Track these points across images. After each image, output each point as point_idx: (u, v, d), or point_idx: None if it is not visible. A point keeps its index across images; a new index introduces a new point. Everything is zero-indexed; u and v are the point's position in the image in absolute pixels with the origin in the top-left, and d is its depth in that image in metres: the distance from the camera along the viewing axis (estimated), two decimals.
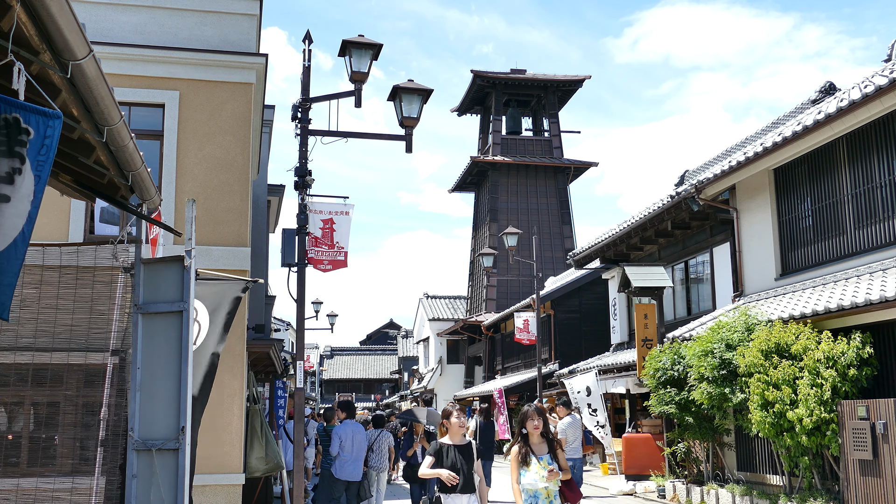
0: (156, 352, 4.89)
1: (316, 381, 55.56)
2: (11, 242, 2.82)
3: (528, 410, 6.35)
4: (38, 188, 2.90)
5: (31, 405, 5.77)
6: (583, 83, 37.22)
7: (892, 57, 11.47)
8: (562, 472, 6.16)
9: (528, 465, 6.12)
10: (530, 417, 6.30)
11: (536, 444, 6.23)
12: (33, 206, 2.88)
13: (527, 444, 6.25)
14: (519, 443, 6.33)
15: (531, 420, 6.27)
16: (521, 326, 24.87)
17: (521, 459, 6.17)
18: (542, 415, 6.33)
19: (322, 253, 10.46)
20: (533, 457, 6.14)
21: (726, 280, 14.85)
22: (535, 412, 6.32)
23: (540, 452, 6.18)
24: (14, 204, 2.80)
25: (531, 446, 6.22)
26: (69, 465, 5.35)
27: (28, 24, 2.95)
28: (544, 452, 6.19)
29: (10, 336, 5.17)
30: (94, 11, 10.44)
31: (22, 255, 2.86)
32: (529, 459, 6.14)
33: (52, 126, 2.91)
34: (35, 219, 2.90)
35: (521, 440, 6.31)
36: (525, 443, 6.26)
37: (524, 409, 6.41)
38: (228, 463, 9.94)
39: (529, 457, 6.15)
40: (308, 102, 10.43)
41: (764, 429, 10.32)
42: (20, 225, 2.84)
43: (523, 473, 6.18)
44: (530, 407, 6.41)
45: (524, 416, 6.34)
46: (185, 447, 4.74)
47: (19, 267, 2.86)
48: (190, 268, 4.89)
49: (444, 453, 6.31)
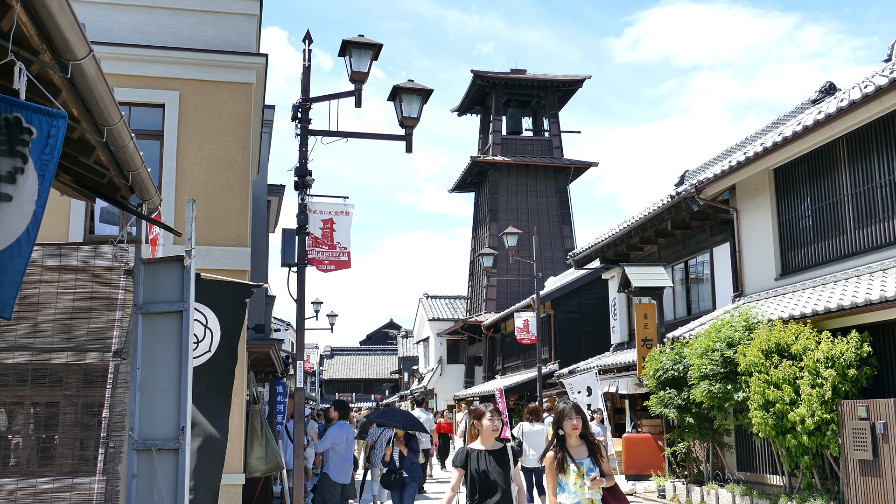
0: (156, 352, 4.89)
1: (316, 381, 55.57)
2: (14, 241, 2.82)
3: (565, 408, 5.54)
4: (43, 187, 2.89)
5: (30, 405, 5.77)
6: (583, 83, 37.22)
7: (892, 57, 11.47)
8: (605, 478, 5.38)
9: (565, 472, 5.37)
10: (567, 416, 5.50)
11: (575, 448, 5.45)
12: (38, 205, 2.88)
13: (564, 447, 5.47)
14: (554, 447, 5.51)
15: (568, 419, 5.48)
16: (521, 326, 24.87)
17: (558, 466, 5.41)
18: (580, 413, 5.52)
19: (322, 253, 10.46)
20: (571, 462, 5.38)
21: (726, 280, 14.85)
22: (572, 410, 5.50)
23: (579, 457, 5.41)
24: (17, 203, 2.80)
25: (569, 450, 5.45)
26: (68, 466, 5.35)
27: (28, 24, 2.94)
28: (584, 457, 5.41)
29: (9, 336, 5.17)
30: (94, 11, 10.43)
31: (27, 255, 2.86)
32: (567, 466, 5.38)
33: (57, 126, 2.91)
34: (41, 218, 2.90)
35: (556, 444, 5.50)
36: (562, 446, 5.48)
37: (560, 407, 5.60)
38: (228, 463, 9.91)
39: (567, 462, 5.38)
40: (308, 102, 10.43)
41: (764, 429, 10.32)
42: (24, 224, 2.84)
43: (562, 484, 5.42)
44: (566, 404, 5.59)
45: (560, 416, 5.53)
46: (184, 447, 4.74)
47: (24, 266, 2.86)
48: (190, 268, 4.89)
49: (473, 460, 5.47)
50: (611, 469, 5.50)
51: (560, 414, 5.54)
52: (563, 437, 5.47)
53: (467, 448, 5.60)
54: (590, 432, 5.56)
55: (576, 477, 5.31)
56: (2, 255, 2.80)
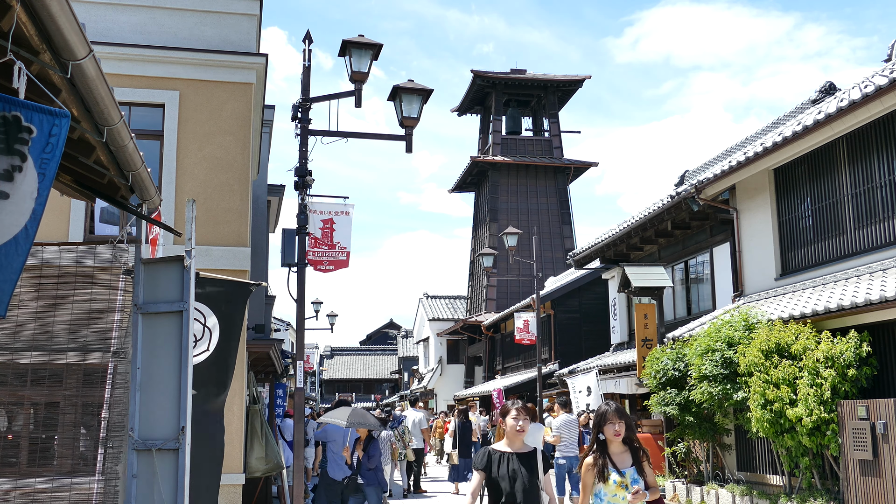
0: (156, 352, 4.89)
1: (316, 382, 55.56)
2: (11, 239, 2.82)
3: (607, 411, 4.98)
4: (43, 186, 2.89)
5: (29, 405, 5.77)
6: (583, 83, 37.22)
7: (892, 57, 11.47)
8: (649, 490, 4.89)
9: (605, 480, 4.85)
10: (608, 420, 4.94)
11: (617, 455, 4.93)
12: (37, 203, 2.88)
13: (605, 453, 4.93)
14: (595, 452, 4.96)
15: (610, 423, 4.92)
16: (521, 326, 24.87)
17: (598, 474, 4.88)
18: (623, 417, 4.95)
19: (322, 253, 10.46)
20: (613, 470, 4.86)
21: (726, 280, 14.85)
22: (614, 413, 4.95)
23: (622, 465, 4.89)
24: (14, 201, 2.80)
25: (610, 456, 4.91)
26: (68, 466, 5.34)
27: (28, 23, 2.94)
28: (627, 465, 4.89)
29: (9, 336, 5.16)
30: (94, 11, 10.43)
31: (24, 253, 2.85)
32: (608, 474, 4.86)
33: (59, 125, 2.91)
34: (40, 217, 2.90)
35: (597, 449, 4.97)
36: (603, 452, 4.93)
37: (601, 409, 5.05)
38: (228, 463, 9.92)
39: (608, 470, 4.87)
40: (308, 102, 10.43)
41: (763, 428, 10.32)
42: (22, 222, 2.84)
43: (599, 494, 4.90)
44: (609, 406, 5.01)
45: (601, 418, 4.98)
46: (184, 447, 4.74)
47: (21, 264, 2.86)
48: (190, 268, 4.89)
49: (496, 463, 4.84)
50: (656, 481, 4.99)
51: (600, 417, 4.99)
52: (604, 442, 4.95)
53: (489, 449, 4.96)
54: (635, 438, 5.01)
55: (617, 487, 4.80)
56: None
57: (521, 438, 4.98)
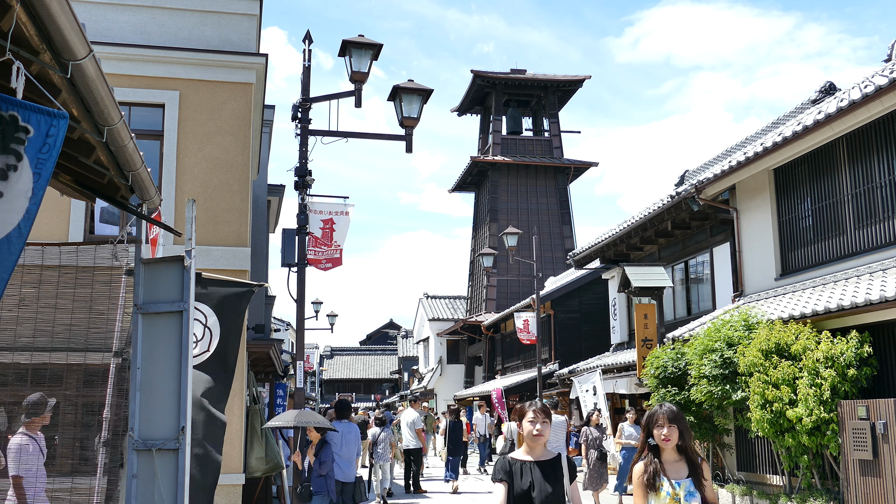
0: (156, 352, 4.89)
1: (316, 382, 55.56)
2: (4, 237, 2.82)
3: (656, 412, 4.37)
4: (38, 185, 2.89)
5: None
6: (583, 83, 37.22)
7: (892, 57, 11.47)
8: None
9: (656, 491, 4.26)
10: (657, 422, 4.32)
11: (671, 463, 4.33)
12: (32, 202, 2.88)
13: (657, 460, 4.35)
14: (646, 458, 4.38)
15: (658, 427, 4.31)
16: (521, 326, 24.88)
17: (648, 483, 4.28)
18: (676, 421, 4.31)
19: (321, 253, 10.47)
20: (665, 480, 4.27)
21: (726, 280, 14.85)
22: (664, 416, 4.32)
23: (676, 475, 4.29)
24: (7, 200, 2.80)
25: (663, 464, 4.33)
26: (68, 466, 5.35)
27: (28, 24, 2.94)
28: (683, 476, 4.29)
29: (9, 336, 5.17)
30: (94, 11, 10.44)
31: (17, 252, 2.85)
32: (659, 483, 4.26)
33: (57, 125, 2.92)
34: (34, 216, 2.90)
35: (650, 454, 4.37)
36: (654, 458, 4.36)
37: (651, 410, 4.44)
38: (228, 463, 9.93)
39: (660, 479, 4.27)
40: (308, 102, 10.44)
41: (763, 428, 10.32)
42: (15, 220, 2.84)
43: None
44: (659, 408, 4.39)
45: (650, 420, 4.38)
46: (184, 447, 4.74)
47: (13, 263, 2.86)
48: (190, 268, 4.89)
49: (517, 474, 4.27)
50: (716, 498, 4.39)
51: (649, 418, 4.38)
52: (655, 448, 4.35)
53: (509, 458, 4.36)
54: (690, 446, 4.36)
55: (670, 500, 4.25)
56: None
57: (542, 444, 4.36)
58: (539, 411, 4.32)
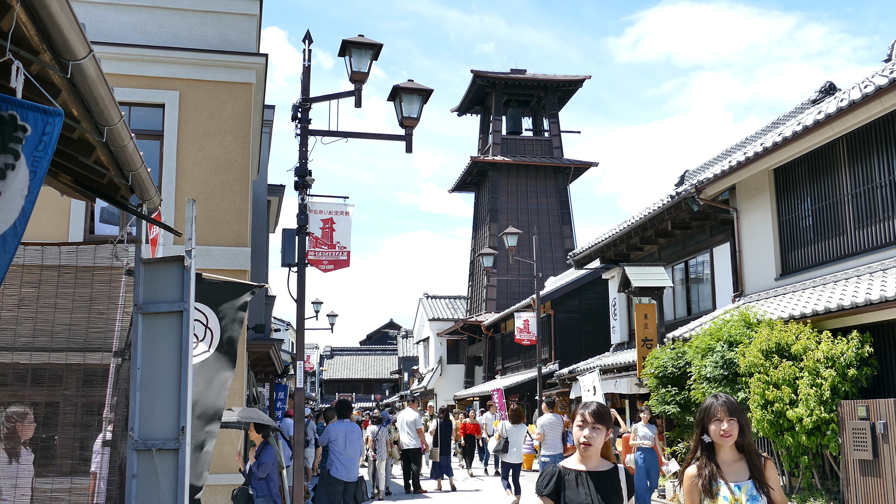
0: (156, 352, 4.88)
1: (316, 382, 55.57)
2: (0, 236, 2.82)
3: (712, 404, 3.75)
4: (34, 183, 2.90)
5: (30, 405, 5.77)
6: (583, 83, 37.23)
7: (892, 57, 11.47)
8: None
9: (713, 496, 3.65)
10: (714, 416, 3.71)
11: (729, 464, 3.70)
12: (28, 201, 2.88)
13: (712, 461, 3.71)
14: (699, 458, 3.76)
15: (716, 420, 3.70)
16: (521, 326, 24.87)
17: (704, 488, 3.67)
18: (735, 414, 3.69)
19: (322, 253, 10.47)
20: (723, 484, 3.64)
21: (726, 280, 14.85)
22: (722, 407, 3.70)
23: (736, 478, 3.66)
24: (5, 199, 2.80)
25: (719, 465, 3.70)
26: (68, 466, 5.34)
27: (28, 23, 2.94)
28: (743, 478, 3.66)
29: (9, 336, 5.17)
30: (94, 11, 10.44)
31: (12, 250, 2.85)
32: (716, 488, 3.65)
33: (52, 123, 2.92)
34: (29, 214, 2.90)
35: (703, 454, 3.76)
36: (710, 459, 3.72)
37: (706, 403, 3.81)
38: (229, 463, 9.94)
39: (716, 483, 3.65)
40: (308, 102, 10.43)
41: (763, 428, 10.32)
42: (11, 219, 2.84)
43: None
44: (716, 399, 3.77)
45: (705, 413, 3.76)
46: (184, 447, 4.74)
47: (8, 261, 2.86)
48: (190, 268, 4.88)
49: (568, 486, 3.63)
50: (785, 500, 3.73)
51: (704, 412, 3.77)
52: (710, 446, 3.74)
53: (559, 468, 3.70)
54: (751, 442, 3.75)
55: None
56: None
57: (595, 454, 3.68)
58: (590, 415, 3.63)
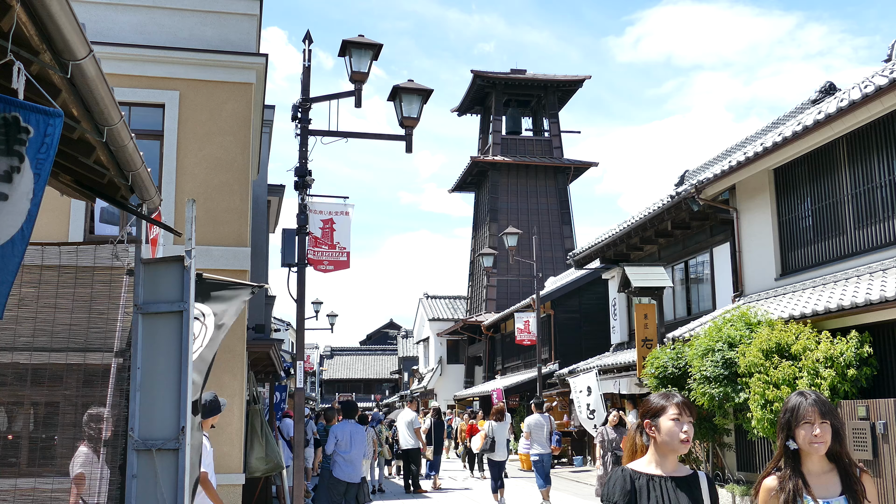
0: (156, 352, 4.89)
1: (316, 382, 55.57)
2: (9, 240, 2.82)
3: (801, 404, 3.15)
4: (38, 186, 2.90)
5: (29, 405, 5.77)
6: (583, 83, 37.24)
7: (892, 57, 11.47)
8: None
9: None
10: (804, 418, 3.12)
11: (817, 475, 3.15)
12: (33, 204, 2.88)
13: (798, 473, 3.14)
14: (781, 470, 3.19)
15: (807, 423, 3.12)
16: (521, 327, 24.88)
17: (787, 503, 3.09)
18: (829, 416, 3.13)
19: (322, 253, 10.47)
20: (809, 500, 3.10)
21: (726, 280, 14.85)
22: (813, 408, 3.11)
23: (825, 492, 3.12)
24: (12, 202, 2.80)
25: (806, 478, 3.13)
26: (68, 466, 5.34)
27: (28, 24, 2.94)
28: (834, 493, 3.13)
29: (8, 336, 5.16)
30: (94, 11, 10.43)
31: (20, 254, 2.85)
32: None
33: (53, 125, 2.91)
34: (35, 217, 2.90)
35: (788, 464, 3.17)
36: (795, 471, 3.14)
37: (793, 402, 3.20)
38: (228, 463, 9.93)
39: (802, 499, 3.10)
40: (308, 102, 10.43)
41: (763, 428, 10.31)
42: (19, 223, 2.84)
43: None
44: (804, 398, 3.16)
45: (793, 415, 3.16)
46: (185, 447, 4.74)
47: (17, 266, 2.86)
48: (190, 268, 4.88)
49: (644, 495, 3.02)
50: None
51: (792, 413, 3.16)
52: (796, 454, 3.15)
53: (629, 470, 3.09)
54: (846, 451, 3.20)
55: None
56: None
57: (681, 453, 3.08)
58: (684, 406, 3.07)
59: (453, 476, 19.84)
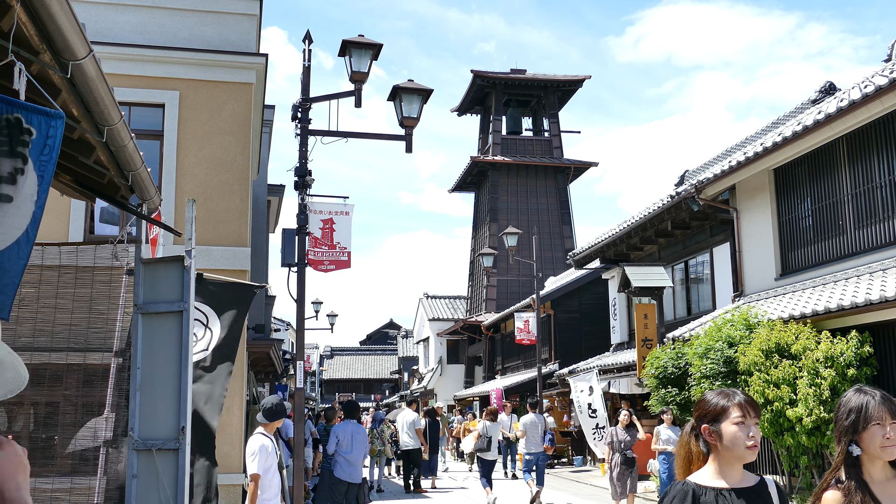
0: (156, 352, 4.89)
1: (316, 382, 55.55)
2: (14, 242, 2.82)
3: (867, 403, 2.73)
4: (42, 188, 2.90)
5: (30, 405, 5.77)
6: (583, 83, 37.22)
7: (892, 57, 11.47)
8: None
9: None
10: (873, 418, 2.70)
11: (881, 483, 2.71)
12: (37, 206, 2.88)
13: (863, 484, 2.70)
14: (842, 483, 2.73)
15: (877, 424, 2.70)
16: (521, 327, 24.87)
17: None
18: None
19: (322, 253, 10.46)
20: None
21: (726, 280, 14.85)
22: (881, 406, 2.69)
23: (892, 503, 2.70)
24: (17, 204, 2.80)
25: (870, 488, 2.70)
26: (68, 466, 5.35)
27: (28, 24, 2.94)
28: None
29: (9, 336, 5.16)
30: (94, 11, 10.43)
31: (26, 256, 2.86)
32: None
33: (55, 126, 2.92)
34: (40, 219, 2.90)
35: (851, 474, 2.73)
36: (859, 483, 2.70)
37: (856, 401, 2.77)
38: (228, 463, 9.93)
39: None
40: (308, 102, 10.42)
41: (763, 427, 10.32)
42: (24, 225, 2.84)
43: None
44: (871, 397, 2.73)
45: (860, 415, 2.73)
46: (184, 447, 4.74)
47: (23, 267, 2.86)
48: (190, 268, 4.89)
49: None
50: None
51: (856, 414, 2.74)
52: (857, 461, 2.74)
53: (693, 484, 2.64)
54: None
55: None
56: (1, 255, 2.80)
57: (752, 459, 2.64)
58: (747, 405, 2.63)
59: (453, 476, 19.85)
